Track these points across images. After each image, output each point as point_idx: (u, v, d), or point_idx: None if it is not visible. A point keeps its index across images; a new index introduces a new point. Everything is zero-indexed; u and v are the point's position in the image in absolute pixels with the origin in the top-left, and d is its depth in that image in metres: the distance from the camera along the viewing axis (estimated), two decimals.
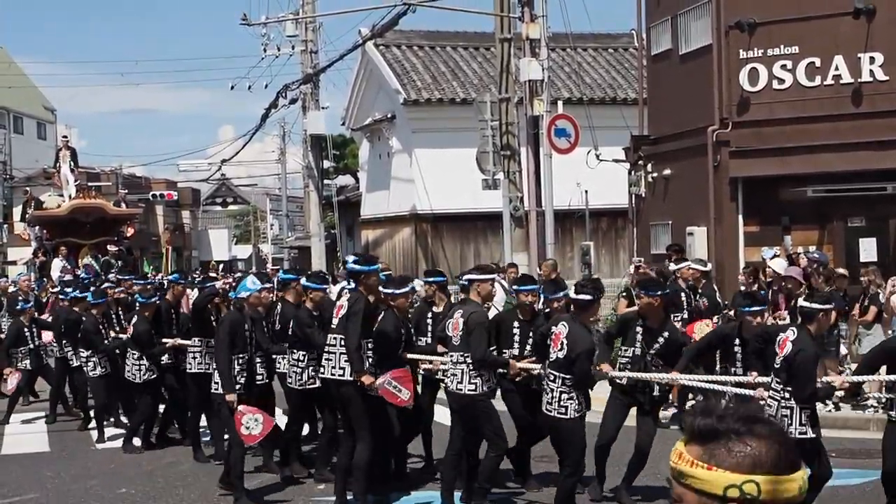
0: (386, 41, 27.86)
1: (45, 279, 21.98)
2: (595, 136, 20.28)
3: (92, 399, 13.37)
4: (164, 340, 11.89)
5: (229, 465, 9.63)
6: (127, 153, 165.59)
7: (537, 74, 17.65)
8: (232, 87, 51.53)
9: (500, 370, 9.30)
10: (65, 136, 27.57)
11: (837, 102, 18.15)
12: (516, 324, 9.49)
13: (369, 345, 9.08)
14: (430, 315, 10.54)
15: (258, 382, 10.32)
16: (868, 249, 17.97)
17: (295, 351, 10.20)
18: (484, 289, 9.16)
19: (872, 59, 18.00)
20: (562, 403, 8.24)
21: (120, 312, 14.07)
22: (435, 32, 29.49)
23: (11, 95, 50.08)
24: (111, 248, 25.44)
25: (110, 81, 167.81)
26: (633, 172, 21.77)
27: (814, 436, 7.77)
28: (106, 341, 12.80)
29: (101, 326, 12.92)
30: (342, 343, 8.90)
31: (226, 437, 11.44)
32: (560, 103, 19.62)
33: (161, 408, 12.54)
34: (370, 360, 9.05)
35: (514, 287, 10.32)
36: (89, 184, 29.15)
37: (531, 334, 9.31)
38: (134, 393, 12.35)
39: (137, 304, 12.59)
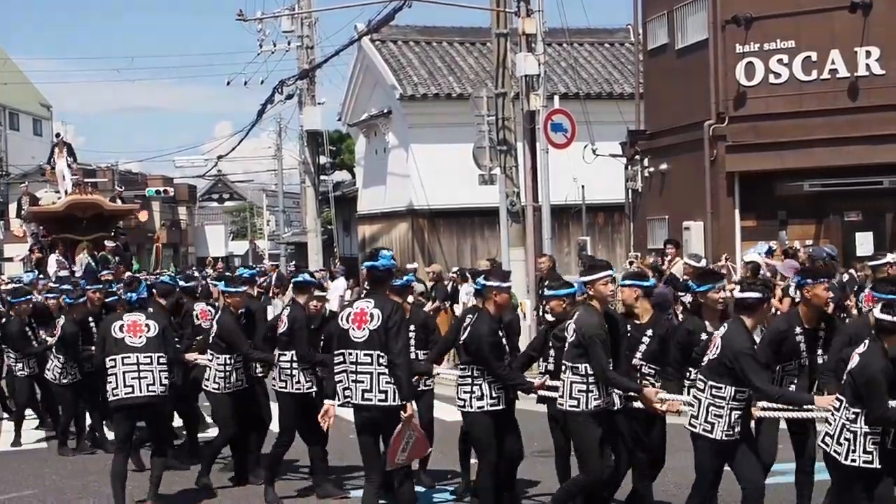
0: (382, 36, 27.81)
1: (41, 276, 21.80)
2: (592, 131, 20.27)
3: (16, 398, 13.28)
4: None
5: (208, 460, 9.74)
6: (123, 150, 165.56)
7: (534, 69, 17.62)
8: (228, 84, 51.55)
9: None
10: (58, 135, 27.22)
11: (834, 97, 18.17)
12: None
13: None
14: None
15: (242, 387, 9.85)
16: (864, 244, 17.99)
17: (286, 353, 9.34)
18: (503, 298, 8.13)
19: (869, 54, 18.02)
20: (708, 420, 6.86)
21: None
22: (431, 27, 29.46)
23: (7, 92, 49.99)
24: (108, 244, 25.00)
25: (106, 78, 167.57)
26: (629, 167, 21.78)
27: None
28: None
29: (27, 329, 12.58)
30: (381, 361, 7.29)
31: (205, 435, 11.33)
32: (556, 98, 19.57)
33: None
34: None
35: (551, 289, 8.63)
36: (85, 180, 28.71)
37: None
38: (56, 395, 12.27)
39: (65, 305, 12.36)
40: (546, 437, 8.82)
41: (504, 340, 8.20)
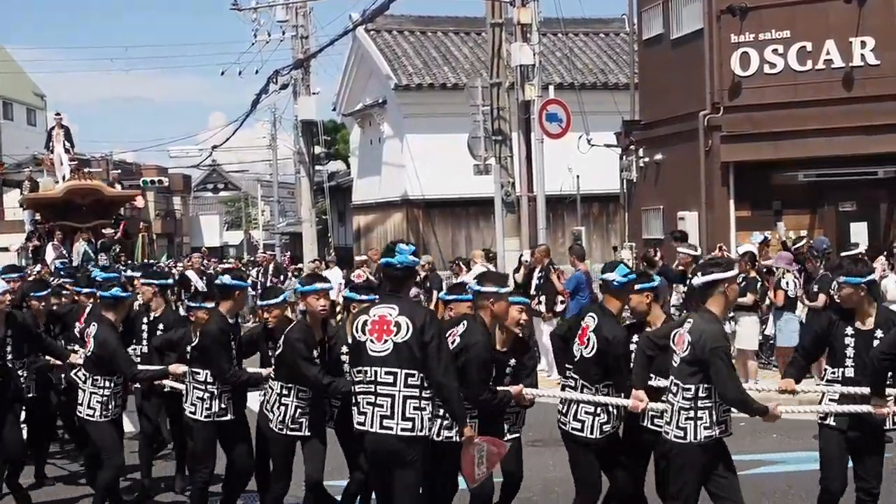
0: (377, 26, 27.77)
1: (40, 265, 21.35)
2: (586, 121, 20.27)
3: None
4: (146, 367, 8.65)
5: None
6: (117, 139, 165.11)
7: (529, 59, 17.61)
8: (222, 73, 51.64)
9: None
10: (58, 115, 25.82)
11: (829, 87, 18.16)
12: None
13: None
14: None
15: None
16: (859, 234, 18.00)
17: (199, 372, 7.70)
18: (500, 308, 6.75)
19: (864, 44, 18.00)
20: None
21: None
22: (426, 17, 29.42)
23: (1, 81, 49.83)
24: (108, 231, 24.09)
25: (100, 68, 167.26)
26: (624, 157, 21.77)
27: None
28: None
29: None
30: (408, 382, 6.07)
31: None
32: (551, 88, 19.59)
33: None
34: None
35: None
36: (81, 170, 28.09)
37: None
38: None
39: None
40: (541, 426, 8.57)
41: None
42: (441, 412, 6.42)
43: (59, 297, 10.74)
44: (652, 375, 6.71)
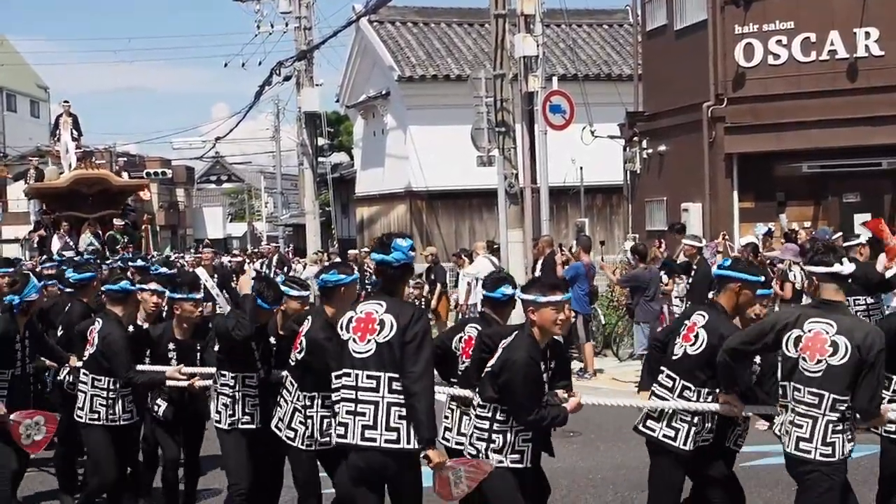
0: (380, 17, 27.75)
1: (45, 258, 20.93)
2: (590, 113, 20.25)
3: None
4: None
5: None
6: (120, 131, 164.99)
7: (532, 50, 17.57)
8: (226, 65, 51.70)
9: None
10: (66, 102, 24.88)
11: (833, 78, 18.13)
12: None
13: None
14: None
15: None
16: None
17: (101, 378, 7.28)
18: (544, 319, 5.66)
19: (868, 35, 17.97)
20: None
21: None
22: (429, 8, 29.40)
23: (4, 73, 49.88)
24: (116, 222, 23.09)
25: (103, 59, 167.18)
26: (627, 149, 21.75)
27: None
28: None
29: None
30: (392, 387, 5.44)
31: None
32: (555, 79, 19.55)
33: None
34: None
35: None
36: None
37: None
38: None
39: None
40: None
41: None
42: (485, 433, 5.65)
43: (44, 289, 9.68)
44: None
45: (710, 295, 6.28)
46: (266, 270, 25.62)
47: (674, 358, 6.01)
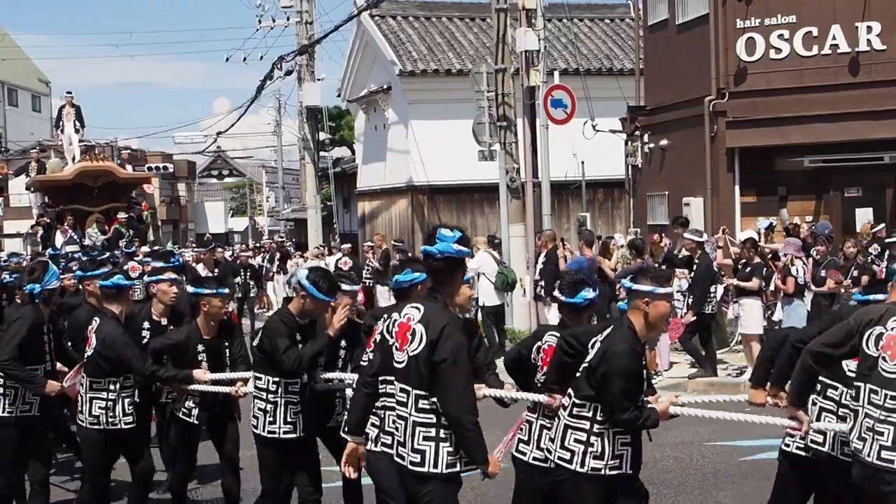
0: (381, 11, 27.72)
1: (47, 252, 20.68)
2: (591, 107, 20.23)
3: None
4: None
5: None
6: (122, 126, 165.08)
7: (533, 45, 17.57)
8: (227, 59, 51.57)
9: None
10: (69, 93, 24.72)
11: (835, 72, 18.12)
12: None
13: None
14: None
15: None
16: (864, 219, 17.99)
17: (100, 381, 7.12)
18: (657, 311, 5.33)
19: (870, 29, 17.95)
20: None
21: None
22: (430, 3, 29.36)
23: (6, 68, 49.87)
24: (121, 215, 22.80)
25: (105, 54, 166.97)
26: (629, 143, 21.75)
27: None
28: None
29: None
30: (419, 405, 5.07)
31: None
32: (556, 74, 19.54)
33: None
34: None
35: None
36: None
37: None
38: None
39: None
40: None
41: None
42: (584, 435, 5.32)
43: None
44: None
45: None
46: (267, 265, 25.61)
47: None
